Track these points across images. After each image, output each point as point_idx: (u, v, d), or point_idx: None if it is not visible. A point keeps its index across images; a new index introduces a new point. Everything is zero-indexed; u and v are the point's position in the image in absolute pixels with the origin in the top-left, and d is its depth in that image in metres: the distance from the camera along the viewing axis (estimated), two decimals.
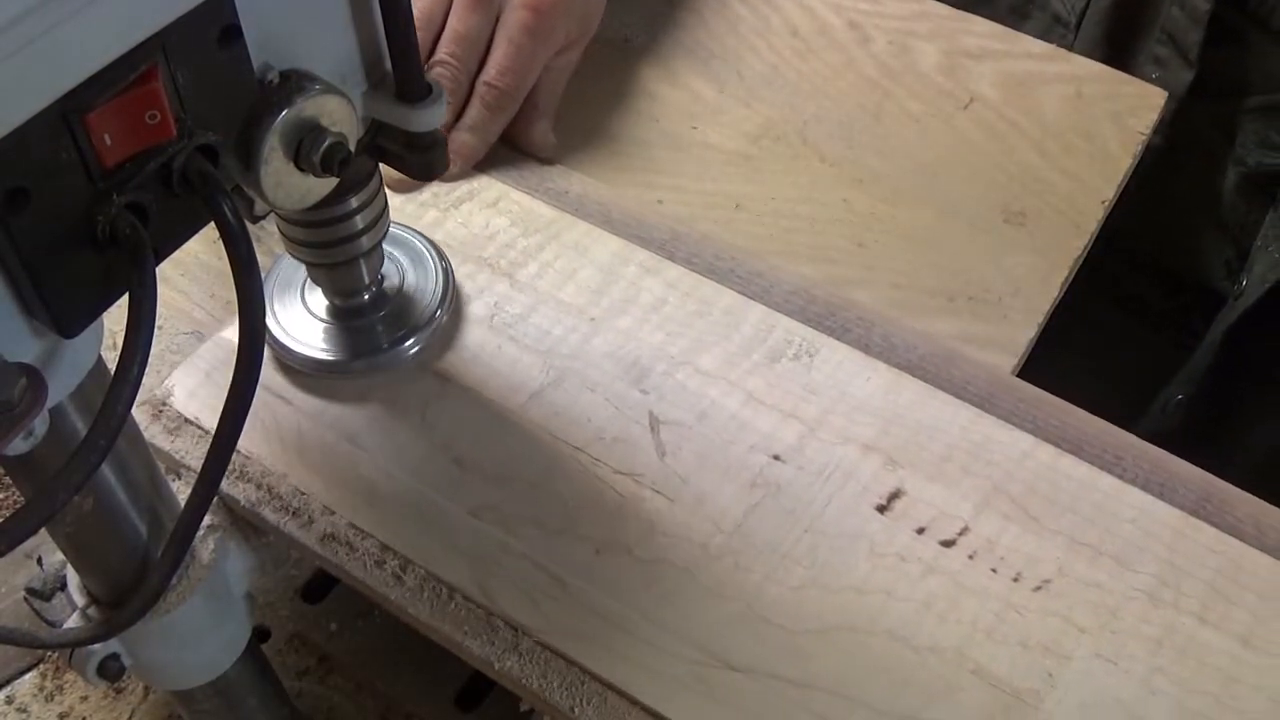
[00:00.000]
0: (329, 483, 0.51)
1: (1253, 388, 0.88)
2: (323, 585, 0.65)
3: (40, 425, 0.36)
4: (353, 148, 0.41)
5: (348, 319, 0.55)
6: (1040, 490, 0.51)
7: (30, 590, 0.47)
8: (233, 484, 0.51)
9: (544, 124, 0.66)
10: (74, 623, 0.46)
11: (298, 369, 0.54)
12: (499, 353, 0.55)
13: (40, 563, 0.48)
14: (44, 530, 0.39)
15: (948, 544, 0.50)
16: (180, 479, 0.53)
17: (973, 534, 0.50)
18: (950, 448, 0.53)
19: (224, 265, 0.37)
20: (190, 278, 0.62)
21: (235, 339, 0.35)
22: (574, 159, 0.67)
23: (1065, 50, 0.75)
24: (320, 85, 0.39)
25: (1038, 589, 0.49)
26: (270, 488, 0.51)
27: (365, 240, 0.50)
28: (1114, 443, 0.53)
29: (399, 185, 0.61)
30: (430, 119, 0.44)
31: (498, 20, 0.64)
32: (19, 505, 0.41)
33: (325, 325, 0.55)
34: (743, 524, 0.50)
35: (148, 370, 0.34)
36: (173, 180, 0.35)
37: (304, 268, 0.53)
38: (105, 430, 0.33)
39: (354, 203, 0.48)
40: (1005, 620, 0.48)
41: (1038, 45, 0.74)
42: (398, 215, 0.58)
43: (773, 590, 0.48)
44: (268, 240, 0.59)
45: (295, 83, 0.39)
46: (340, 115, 0.40)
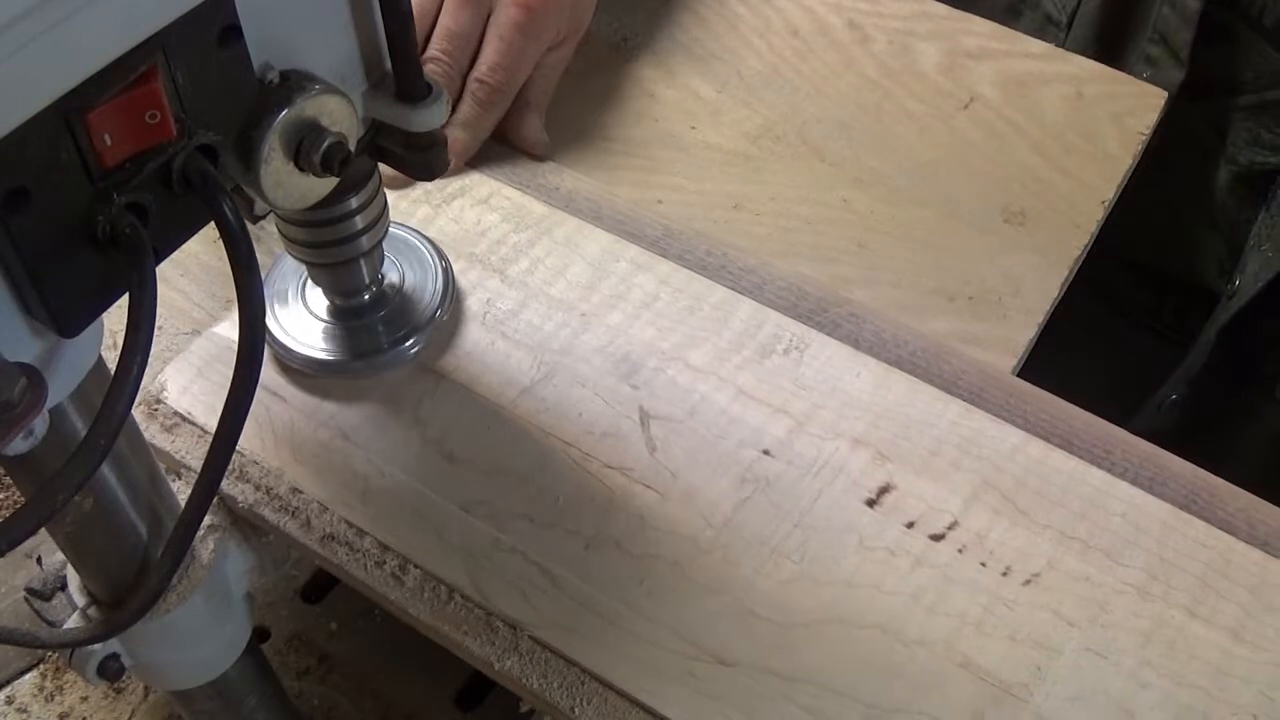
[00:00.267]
0: (323, 479, 0.51)
1: (1247, 386, 0.88)
2: (323, 585, 0.65)
3: (40, 425, 0.36)
4: (353, 148, 0.41)
5: (348, 319, 0.55)
6: (1030, 484, 0.52)
7: (30, 590, 0.48)
8: (232, 484, 0.51)
9: (536, 120, 0.66)
10: (74, 623, 0.46)
11: (298, 369, 0.54)
12: (491, 348, 0.56)
13: (40, 563, 0.48)
14: (44, 530, 0.39)
15: (937, 538, 0.50)
16: (180, 479, 0.53)
17: (962, 528, 0.50)
18: (940, 442, 0.53)
19: (224, 265, 0.37)
20: (190, 278, 0.62)
21: (227, 334, 0.35)
22: (573, 159, 0.67)
23: (1065, 50, 0.75)
24: (320, 85, 0.39)
25: (1027, 583, 0.49)
26: (269, 488, 0.51)
27: (365, 240, 0.50)
28: (1104, 437, 0.54)
29: (391, 182, 0.61)
30: (430, 119, 0.44)
31: (489, 17, 0.64)
32: (19, 505, 0.42)
33: (325, 325, 0.55)
34: (732, 518, 0.50)
35: (147, 370, 0.34)
36: (173, 180, 0.35)
37: (304, 267, 0.53)
38: (105, 430, 0.33)
39: (354, 203, 0.48)
40: (994, 614, 0.48)
41: (1037, 45, 0.74)
42: (389, 212, 0.58)
43: (762, 584, 0.49)
44: (268, 240, 0.60)
45: (295, 82, 0.39)
46: (340, 115, 0.40)
